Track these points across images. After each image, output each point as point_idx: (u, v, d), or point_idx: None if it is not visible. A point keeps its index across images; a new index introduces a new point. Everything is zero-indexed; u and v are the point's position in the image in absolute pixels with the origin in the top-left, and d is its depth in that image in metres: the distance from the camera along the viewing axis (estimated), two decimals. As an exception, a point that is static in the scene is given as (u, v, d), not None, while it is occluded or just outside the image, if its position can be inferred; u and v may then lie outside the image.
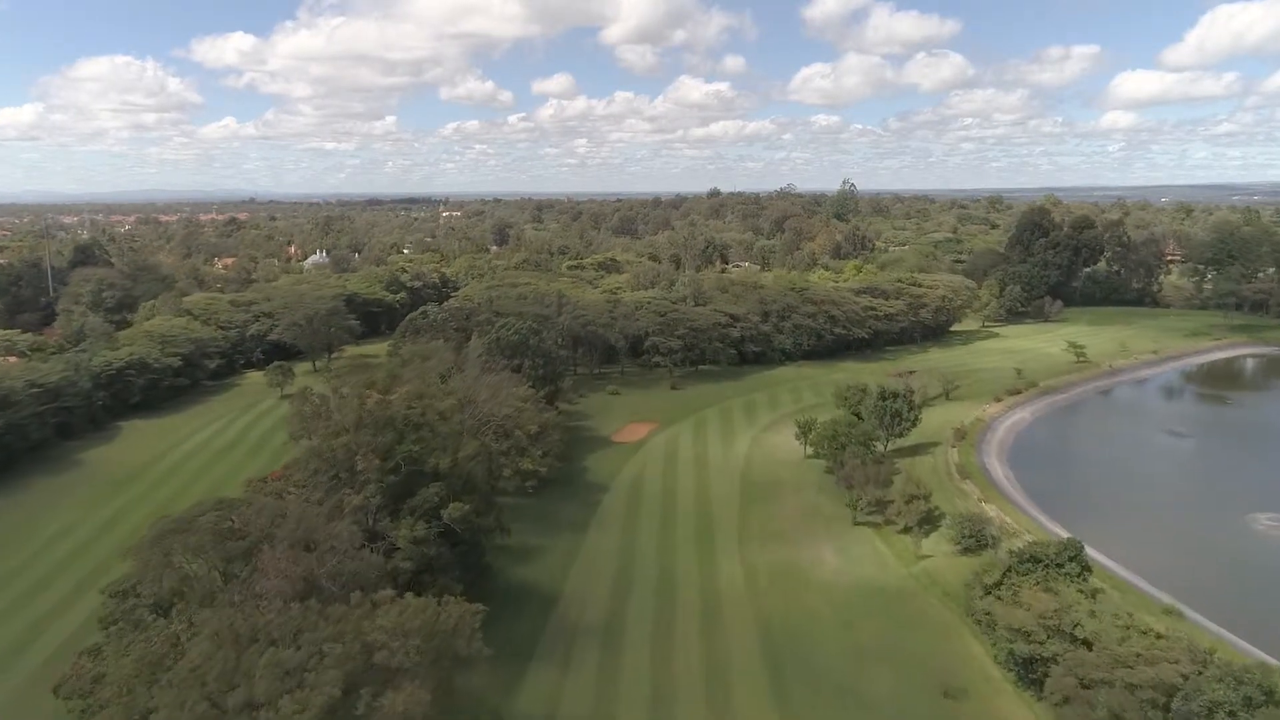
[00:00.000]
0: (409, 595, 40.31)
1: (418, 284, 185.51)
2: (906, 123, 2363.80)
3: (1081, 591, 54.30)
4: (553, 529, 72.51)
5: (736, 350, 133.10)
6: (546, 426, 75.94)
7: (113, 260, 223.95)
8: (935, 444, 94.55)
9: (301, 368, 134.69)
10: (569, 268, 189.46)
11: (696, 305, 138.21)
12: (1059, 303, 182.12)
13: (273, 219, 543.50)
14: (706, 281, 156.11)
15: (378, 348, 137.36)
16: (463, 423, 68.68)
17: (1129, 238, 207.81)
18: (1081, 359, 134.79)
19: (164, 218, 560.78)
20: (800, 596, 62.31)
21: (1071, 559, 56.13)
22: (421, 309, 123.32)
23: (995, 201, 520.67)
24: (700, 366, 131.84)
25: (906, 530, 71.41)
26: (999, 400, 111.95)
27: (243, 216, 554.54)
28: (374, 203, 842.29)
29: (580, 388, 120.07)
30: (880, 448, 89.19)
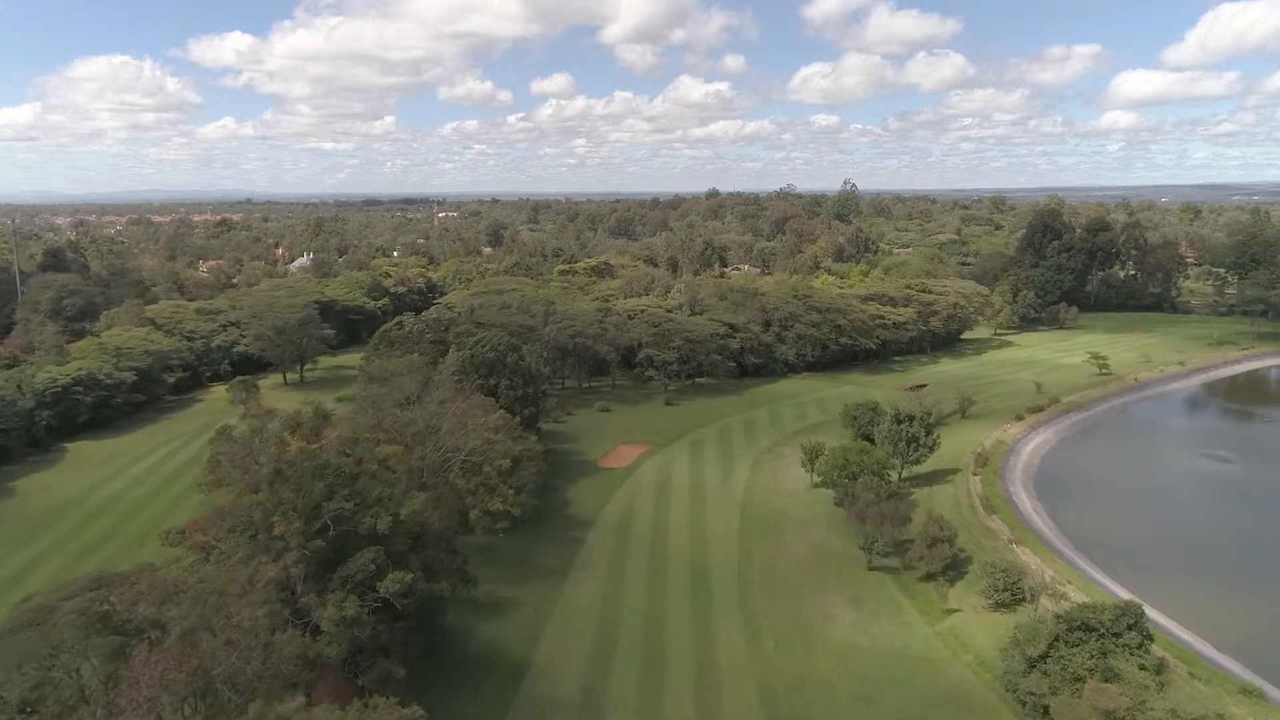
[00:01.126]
0: (323, 708, 31.81)
1: (402, 289, 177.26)
2: (906, 122, 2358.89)
3: (1145, 668, 45.99)
4: (527, 576, 64.02)
5: (736, 362, 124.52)
6: (522, 458, 67.40)
7: (89, 264, 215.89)
8: (954, 471, 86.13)
9: (272, 380, 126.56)
10: (560, 272, 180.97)
11: (693, 314, 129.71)
12: (1074, 309, 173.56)
13: (265, 220, 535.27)
14: (704, 287, 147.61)
15: (356, 359, 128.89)
16: (424, 457, 60.30)
17: (1145, 240, 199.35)
18: (1104, 371, 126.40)
19: (156, 218, 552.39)
20: (810, 661, 53.86)
21: (1131, 626, 47.70)
22: (396, 319, 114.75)
23: (998, 202, 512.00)
24: (697, 379, 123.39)
25: (929, 578, 62.96)
26: (1020, 419, 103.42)
27: (236, 217, 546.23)
28: (371, 203, 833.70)
29: (567, 404, 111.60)
30: (894, 476, 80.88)
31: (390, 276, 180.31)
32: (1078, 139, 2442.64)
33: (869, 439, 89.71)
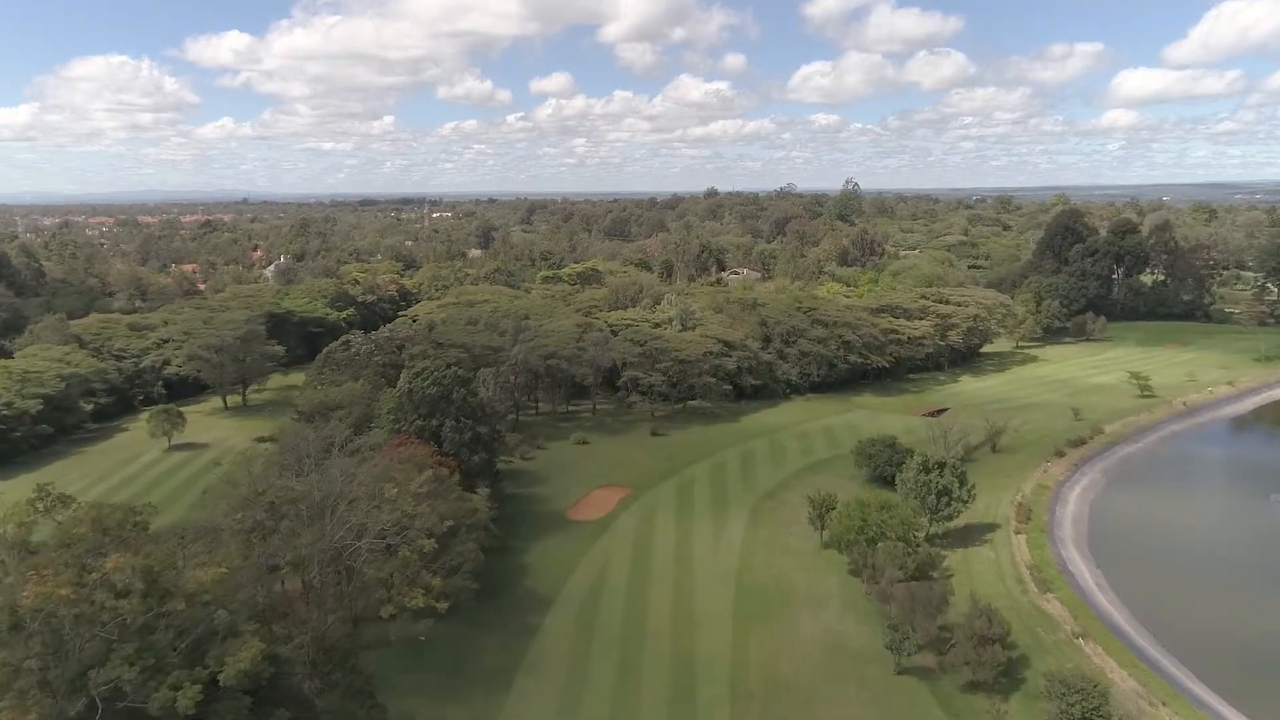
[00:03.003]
0: None
1: (371, 298, 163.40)
2: (906, 121, 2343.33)
3: None
4: (460, 685, 50.00)
5: (732, 384, 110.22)
6: (461, 528, 53.51)
7: (45, 269, 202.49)
8: (992, 526, 72.15)
9: (210, 404, 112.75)
10: (544, 279, 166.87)
11: (684, 329, 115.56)
12: (1102, 318, 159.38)
13: (252, 220, 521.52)
14: (699, 297, 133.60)
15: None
16: (320, 538, 46.32)
17: (1176, 243, 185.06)
18: (1147, 393, 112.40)
19: (145, 219, 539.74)
20: (825, 825, 40.01)
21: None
22: (343, 338, 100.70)
23: (1005, 201, 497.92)
24: (689, 403, 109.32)
25: (976, 686, 49.04)
26: (1060, 455, 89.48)
27: (226, 218, 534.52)
28: (368, 203, 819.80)
29: (539, 434, 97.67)
30: (921, 535, 66.95)
31: (359, 284, 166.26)
32: (1078, 138, 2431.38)
33: (888, 481, 76.30)
